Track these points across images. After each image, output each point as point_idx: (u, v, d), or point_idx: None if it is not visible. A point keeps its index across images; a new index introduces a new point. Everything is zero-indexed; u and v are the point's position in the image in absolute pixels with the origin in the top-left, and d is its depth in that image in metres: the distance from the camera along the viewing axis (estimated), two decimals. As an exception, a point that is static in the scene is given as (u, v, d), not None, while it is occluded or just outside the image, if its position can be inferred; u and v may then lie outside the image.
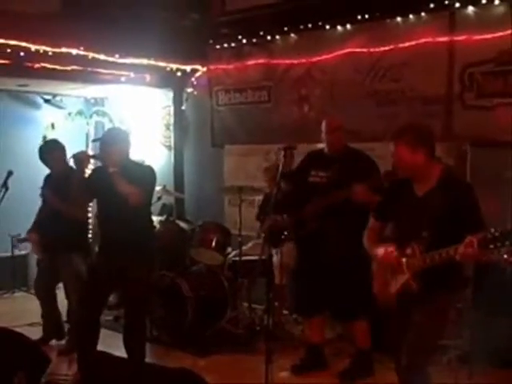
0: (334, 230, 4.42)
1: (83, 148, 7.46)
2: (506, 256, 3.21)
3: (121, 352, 4.27)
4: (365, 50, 5.75)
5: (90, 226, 5.98)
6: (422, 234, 3.15)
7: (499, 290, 4.32)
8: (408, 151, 3.22)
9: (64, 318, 5.36)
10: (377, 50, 5.68)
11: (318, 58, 6.09)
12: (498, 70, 5.02)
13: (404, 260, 3.22)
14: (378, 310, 4.46)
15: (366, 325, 4.59)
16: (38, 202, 5.27)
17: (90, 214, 6.40)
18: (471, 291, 4.33)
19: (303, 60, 6.21)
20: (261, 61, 6.53)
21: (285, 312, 5.51)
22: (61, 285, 5.31)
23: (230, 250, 5.65)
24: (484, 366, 4.39)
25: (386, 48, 5.61)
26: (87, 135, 8.00)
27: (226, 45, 6.74)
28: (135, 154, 4.87)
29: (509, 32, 4.94)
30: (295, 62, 6.28)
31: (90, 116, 7.98)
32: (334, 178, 4.46)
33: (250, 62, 6.61)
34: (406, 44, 5.47)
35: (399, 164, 3.30)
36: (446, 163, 5.10)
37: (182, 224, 6.00)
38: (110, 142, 4.30)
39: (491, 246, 2.82)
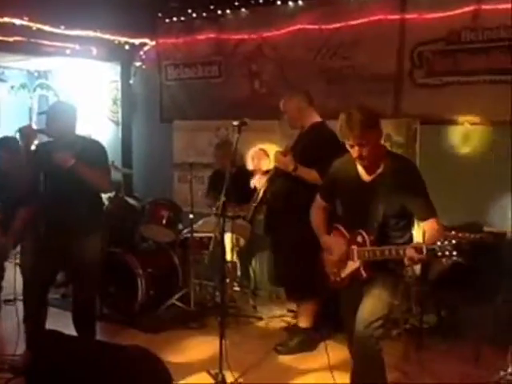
0: (275, 204, 4.49)
1: (27, 122, 7.23)
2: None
3: (69, 330, 4.20)
4: (316, 26, 5.74)
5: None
6: (373, 224, 3.14)
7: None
8: (373, 136, 3.11)
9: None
10: (328, 27, 5.67)
11: (269, 34, 6.05)
12: (448, 48, 5.09)
13: (354, 248, 3.22)
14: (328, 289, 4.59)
15: (310, 306, 4.57)
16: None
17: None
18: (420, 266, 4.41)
19: (254, 36, 6.16)
20: (211, 35, 6.45)
21: (235, 288, 5.50)
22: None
23: (180, 226, 5.59)
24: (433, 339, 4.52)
25: (337, 25, 5.61)
26: (30, 109, 7.76)
27: (175, 18, 6.63)
28: (82, 129, 4.75)
29: (459, 11, 5.02)
30: (246, 37, 6.22)
31: (34, 89, 7.74)
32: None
33: (200, 37, 6.52)
34: (358, 21, 5.49)
35: (368, 153, 3.10)
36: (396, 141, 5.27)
37: (131, 200, 5.90)
38: (57, 117, 4.19)
39: (439, 254, 2.86)
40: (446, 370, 4.12)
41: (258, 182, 4.93)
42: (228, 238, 5.16)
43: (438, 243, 2.86)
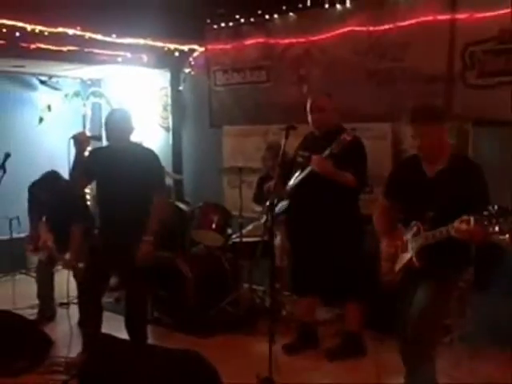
0: (317, 208, 4.42)
1: (80, 129, 7.40)
2: (507, 236, 3.18)
3: (122, 334, 4.28)
4: (364, 28, 5.68)
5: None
6: (428, 214, 3.16)
7: (501, 270, 4.33)
8: (440, 131, 3.23)
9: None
10: (377, 28, 5.61)
11: (317, 38, 6.02)
12: (500, 48, 4.97)
13: (409, 238, 3.25)
14: (376, 291, 4.55)
15: (356, 307, 4.56)
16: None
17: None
18: (473, 271, 4.32)
19: (302, 39, 6.14)
20: (259, 40, 6.45)
21: (286, 293, 5.49)
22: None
23: (230, 231, 5.62)
24: (485, 346, 4.41)
25: (386, 27, 5.54)
26: (84, 117, 7.93)
27: (223, 24, 6.66)
28: (133, 136, 4.84)
29: (510, 10, 4.90)
30: (294, 41, 6.20)
31: (87, 97, 7.90)
32: (310, 156, 4.43)
33: (248, 42, 6.54)
34: (407, 22, 5.41)
35: (427, 144, 3.22)
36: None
37: (181, 205, 5.96)
38: (115, 123, 4.30)
39: (486, 223, 2.83)
40: (499, 377, 4.02)
41: None
42: (278, 242, 5.17)
43: (485, 212, 2.83)
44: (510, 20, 4.87)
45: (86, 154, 4.36)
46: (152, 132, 7.40)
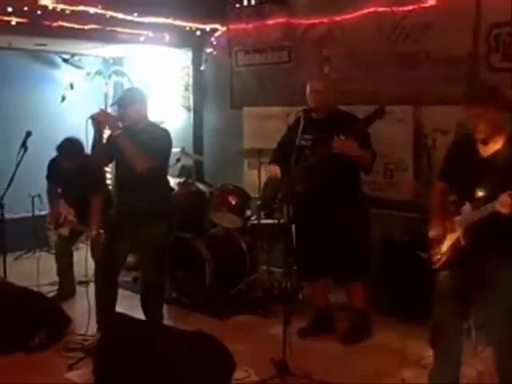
0: (326, 191, 4.39)
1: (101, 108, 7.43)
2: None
3: (139, 313, 4.32)
4: (388, 9, 5.58)
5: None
6: (478, 194, 3.14)
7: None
8: (497, 113, 3.19)
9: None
10: (400, 9, 5.51)
11: (340, 18, 5.93)
12: (526, 31, 4.86)
13: (456, 218, 3.26)
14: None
15: (360, 285, 4.62)
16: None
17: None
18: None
19: (325, 19, 6.05)
20: (281, 20, 6.38)
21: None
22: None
23: (249, 213, 5.61)
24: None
25: (410, 7, 5.44)
26: (106, 95, 7.94)
27: (245, 3, 6.59)
28: (155, 116, 4.84)
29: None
30: (316, 21, 6.11)
31: (109, 76, 7.89)
32: (317, 139, 4.39)
33: (270, 22, 6.46)
34: (431, 3, 5.31)
35: (489, 127, 3.18)
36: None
37: (201, 186, 5.96)
38: (127, 103, 4.28)
39: None
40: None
41: None
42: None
43: None
44: (537, 2, 4.77)
45: (106, 133, 4.34)
46: (174, 112, 7.39)
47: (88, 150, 4.44)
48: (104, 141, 4.37)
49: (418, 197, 5.28)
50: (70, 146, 5.22)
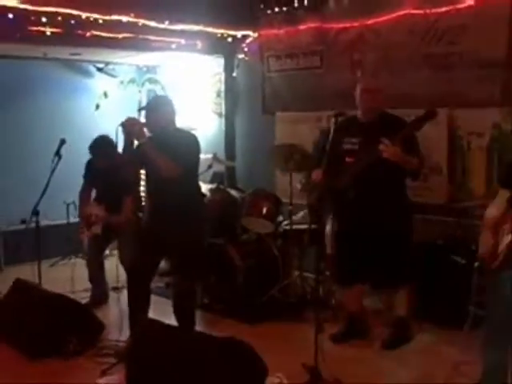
0: (371, 196, 4.30)
1: (136, 116, 7.49)
2: None
3: (171, 320, 4.32)
4: (421, 11, 5.52)
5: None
6: None
7: None
8: None
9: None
10: (433, 11, 5.44)
11: (372, 21, 5.88)
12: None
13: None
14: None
15: (407, 292, 4.54)
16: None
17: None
18: None
19: (356, 23, 6.01)
20: (312, 25, 6.36)
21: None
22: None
23: (281, 218, 5.59)
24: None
25: (443, 9, 5.36)
26: (139, 103, 8.01)
27: (276, 9, 6.59)
28: (187, 122, 4.86)
29: None
30: (347, 25, 6.08)
31: (142, 84, 7.98)
32: (366, 142, 4.32)
33: (302, 27, 6.45)
34: (465, 4, 5.23)
35: None
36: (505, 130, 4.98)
37: (233, 192, 5.96)
38: (154, 109, 4.30)
39: None
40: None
41: None
42: (329, 230, 5.10)
43: None
44: None
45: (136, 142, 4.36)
46: (206, 118, 7.42)
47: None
48: (134, 147, 4.39)
49: (453, 201, 5.20)
50: (101, 142, 5.32)
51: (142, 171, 5.17)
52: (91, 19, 5.88)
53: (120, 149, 4.36)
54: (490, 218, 3.35)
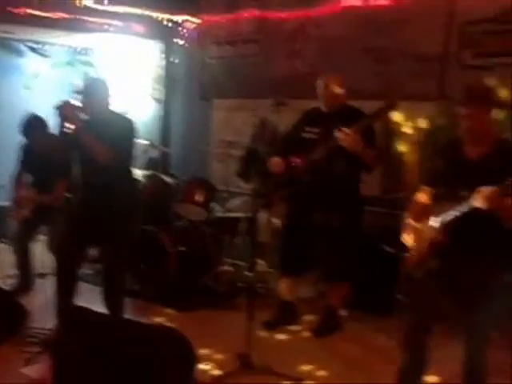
0: (325, 187, 4.30)
1: (67, 98, 7.30)
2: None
3: (99, 307, 4.19)
4: (362, 4, 5.56)
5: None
6: (463, 194, 3.01)
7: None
8: (488, 115, 3.07)
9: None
10: (374, 4, 5.48)
11: (313, 12, 5.88)
12: (497, 29, 4.86)
13: (435, 218, 3.14)
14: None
15: (346, 286, 4.56)
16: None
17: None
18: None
19: (297, 14, 6.01)
20: (253, 13, 6.32)
21: (270, 270, 5.41)
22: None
23: (215, 205, 5.53)
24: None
25: (384, 2, 5.42)
26: (73, 85, 7.76)
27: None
28: (122, 107, 4.73)
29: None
30: (289, 15, 6.07)
31: (76, 66, 7.74)
32: (327, 132, 4.31)
33: (243, 14, 6.40)
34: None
35: (480, 129, 3.07)
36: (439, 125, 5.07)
37: (167, 178, 5.85)
38: (90, 93, 4.16)
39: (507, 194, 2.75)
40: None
41: None
42: (263, 219, 5.08)
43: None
44: (508, 1, 4.77)
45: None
46: (143, 104, 7.26)
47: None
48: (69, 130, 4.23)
49: (386, 192, 5.26)
50: (34, 123, 5.12)
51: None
52: (26, -3, 5.67)
53: (52, 131, 4.19)
54: (414, 209, 3.39)
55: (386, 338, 4.26)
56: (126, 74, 7.33)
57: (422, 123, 5.04)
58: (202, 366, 3.68)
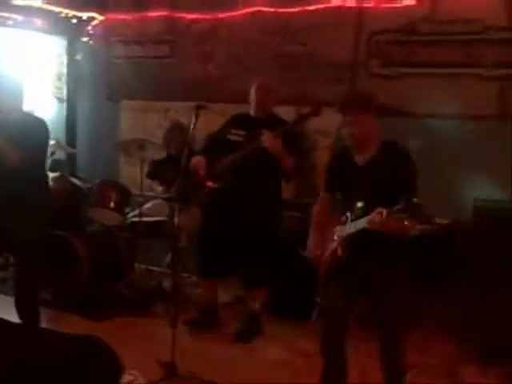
0: (246, 190, 4.33)
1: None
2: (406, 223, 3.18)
3: (11, 316, 4.01)
4: (273, 10, 5.64)
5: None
6: (357, 204, 3.13)
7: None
8: (372, 120, 3.17)
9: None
10: (285, 10, 5.58)
11: (224, 15, 5.90)
12: (404, 39, 5.09)
13: (337, 228, 3.24)
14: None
15: (265, 290, 4.62)
16: None
17: None
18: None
19: (208, 16, 5.99)
20: (163, 13, 6.24)
21: (184, 274, 5.37)
22: None
23: (127, 210, 5.41)
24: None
25: (295, 10, 5.52)
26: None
27: (126, -7, 6.40)
28: (24, 105, 4.52)
29: (415, 2, 5.02)
30: (199, 16, 6.04)
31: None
32: (251, 136, 4.35)
33: (152, 14, 6.30)
34: (315, 7, 5.42)
35: (364, 135, 3.16)
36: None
37: (76, 181, 5.67)
38: (4, 92, 3.97)
39: (397, 216, 2.82)
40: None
41: None
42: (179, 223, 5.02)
43: (398, 206, 2.80)
44: (414, 12, 5.00)
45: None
46: (45, 102, 6.97)
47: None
48: None
49: (299, 196, 5.37)
50: None
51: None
52: None
53: None
54: (315, 215, 3.52)
55: (305, 340, 4.32)
56: (26, 70, 7.01)
57: (333, 129, 5.17)
58: (126, 377, 3.60)
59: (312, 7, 5.42)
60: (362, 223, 3.04)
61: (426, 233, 4.21)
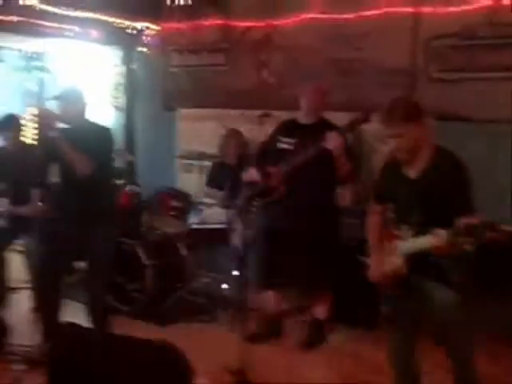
0: (303, 196, 4.34)
1: (21, 103, 7.13)
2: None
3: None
4: (328, 16, 5.65)
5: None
6: (414, 218, 3.03)
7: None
8: (417, 129, 3.03)
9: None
10: (340, 16, 5.59)
11: (278, 22, 5.94)
12: (462, 44, 5.05)
13: (397, 243, 3.15)
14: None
15: (329, 297, 4.62)
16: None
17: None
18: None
19: (262, 23, 6.04)
20: (217, 21, 6.31)
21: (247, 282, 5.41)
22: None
23: (189, 217, 5.49)
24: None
25: (351, 15, 5.53)
26: (27, 91, 7.55)
27: (181, 2, 6.47)
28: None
29: (473, 6, 4.98)
30: (253, 24, 6.09)
31: (31, 71, 7.51)
32: (302, 143, 4.36)
33: (206, 23, 6.38)
34: (371, 12, 5.42)
35: (411, 147, 3.04)
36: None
37: (137, 189, 5.77)
38: (68, 101, 4.10)
39: (457, 241, 2.75)
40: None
41: None
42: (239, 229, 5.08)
43: (456, 228, 2.72)
44: (472, 16, 4.96)
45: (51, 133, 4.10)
46: (102, 111, 7.10)
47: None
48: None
49: (358, 203, 5.37)
50: (9, 119, 4.93)
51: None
52: (-20, -1, 5.45)
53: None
54: (371, 233, 3.42)
55: (373, 349, 4.28)
56: (84, 80, 7.17)
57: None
58: (198, 381, 3.66)
59: (368, 13, 5.42)
60: (423, 243, 2.96)
61: (492, 240, 4.17)
